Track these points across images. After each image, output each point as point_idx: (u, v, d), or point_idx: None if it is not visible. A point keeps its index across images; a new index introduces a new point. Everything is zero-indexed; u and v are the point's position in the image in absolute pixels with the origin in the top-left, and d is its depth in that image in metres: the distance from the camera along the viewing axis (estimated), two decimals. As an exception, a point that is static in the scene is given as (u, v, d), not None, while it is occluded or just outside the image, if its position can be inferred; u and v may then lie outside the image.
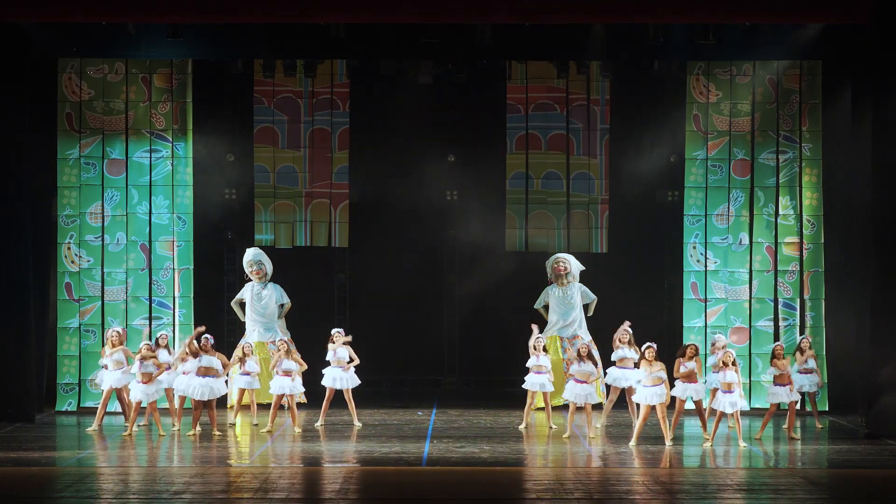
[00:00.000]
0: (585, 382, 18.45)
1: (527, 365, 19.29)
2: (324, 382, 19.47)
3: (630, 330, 19.38)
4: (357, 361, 19.45)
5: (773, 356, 18.80)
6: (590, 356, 18.74)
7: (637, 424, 17.96)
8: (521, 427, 19.25)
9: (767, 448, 17.76)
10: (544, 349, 19.16)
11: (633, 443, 17.77)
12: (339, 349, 19.41)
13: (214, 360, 18.62)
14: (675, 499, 14.14)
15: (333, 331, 19.56)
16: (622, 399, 19.40)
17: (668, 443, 17.68)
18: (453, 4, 19.27)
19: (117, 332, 19.40)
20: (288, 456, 17.23)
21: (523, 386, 19.35)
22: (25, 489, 14.47)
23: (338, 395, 19.42)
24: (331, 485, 15.09)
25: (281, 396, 19.01)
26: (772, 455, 17.31)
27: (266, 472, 15.53)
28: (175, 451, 17.60)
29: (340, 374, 19.36)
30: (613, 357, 19.39)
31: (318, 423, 19.38)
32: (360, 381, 19.58)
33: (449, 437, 18.40)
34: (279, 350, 19.28)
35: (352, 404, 19.44)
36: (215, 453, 17.29)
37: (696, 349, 18.25)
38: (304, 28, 20.28)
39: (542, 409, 19.66)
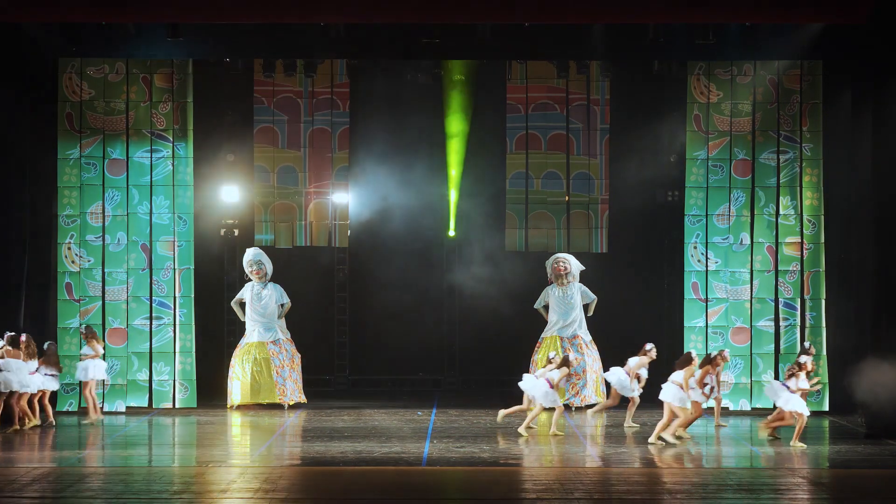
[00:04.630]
0: (552, 387, 18.48)
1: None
2: (79, 377, 19.87)
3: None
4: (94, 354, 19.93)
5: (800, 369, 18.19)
6: (566, 362, 18.65)
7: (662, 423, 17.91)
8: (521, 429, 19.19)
9: (767, 449, 17.74)
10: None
11: (652, 439, 17.71)
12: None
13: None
14: (675, 499, 14.13)
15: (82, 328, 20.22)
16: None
17: (652, 439, 17.61)
18: (453, 4, 19.27)
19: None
20: (288, 456, 17.24)
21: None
22: (26, 489, 14.46)
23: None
24: (331, 485, 15.09)
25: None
26: (772, 455, 17.29)
27: (266, 472, 15.52)
28: (175, 451, 17.59)
29: (92, 364, 19.79)
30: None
31: (99, 418, 19.77)
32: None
33: (449, 437, 18.39)
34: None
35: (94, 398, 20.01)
36: (217, 453, 17.29)
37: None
38: (304, 28, 20.28)
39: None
